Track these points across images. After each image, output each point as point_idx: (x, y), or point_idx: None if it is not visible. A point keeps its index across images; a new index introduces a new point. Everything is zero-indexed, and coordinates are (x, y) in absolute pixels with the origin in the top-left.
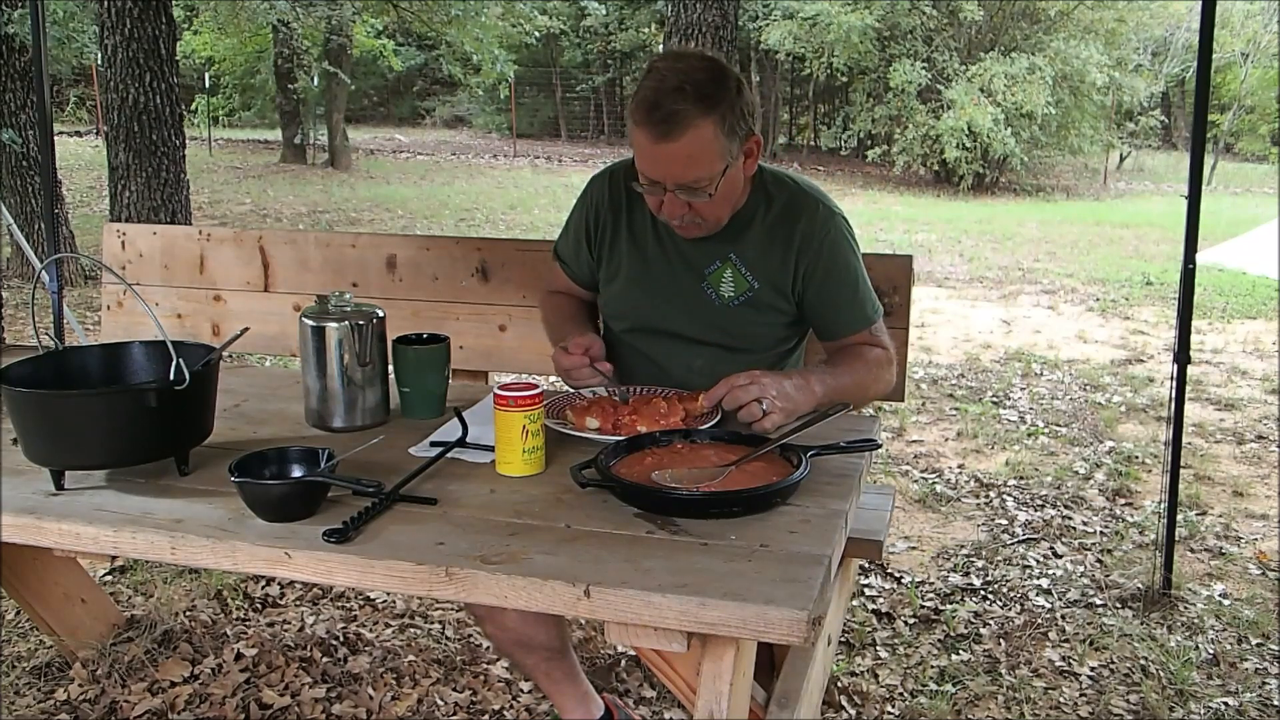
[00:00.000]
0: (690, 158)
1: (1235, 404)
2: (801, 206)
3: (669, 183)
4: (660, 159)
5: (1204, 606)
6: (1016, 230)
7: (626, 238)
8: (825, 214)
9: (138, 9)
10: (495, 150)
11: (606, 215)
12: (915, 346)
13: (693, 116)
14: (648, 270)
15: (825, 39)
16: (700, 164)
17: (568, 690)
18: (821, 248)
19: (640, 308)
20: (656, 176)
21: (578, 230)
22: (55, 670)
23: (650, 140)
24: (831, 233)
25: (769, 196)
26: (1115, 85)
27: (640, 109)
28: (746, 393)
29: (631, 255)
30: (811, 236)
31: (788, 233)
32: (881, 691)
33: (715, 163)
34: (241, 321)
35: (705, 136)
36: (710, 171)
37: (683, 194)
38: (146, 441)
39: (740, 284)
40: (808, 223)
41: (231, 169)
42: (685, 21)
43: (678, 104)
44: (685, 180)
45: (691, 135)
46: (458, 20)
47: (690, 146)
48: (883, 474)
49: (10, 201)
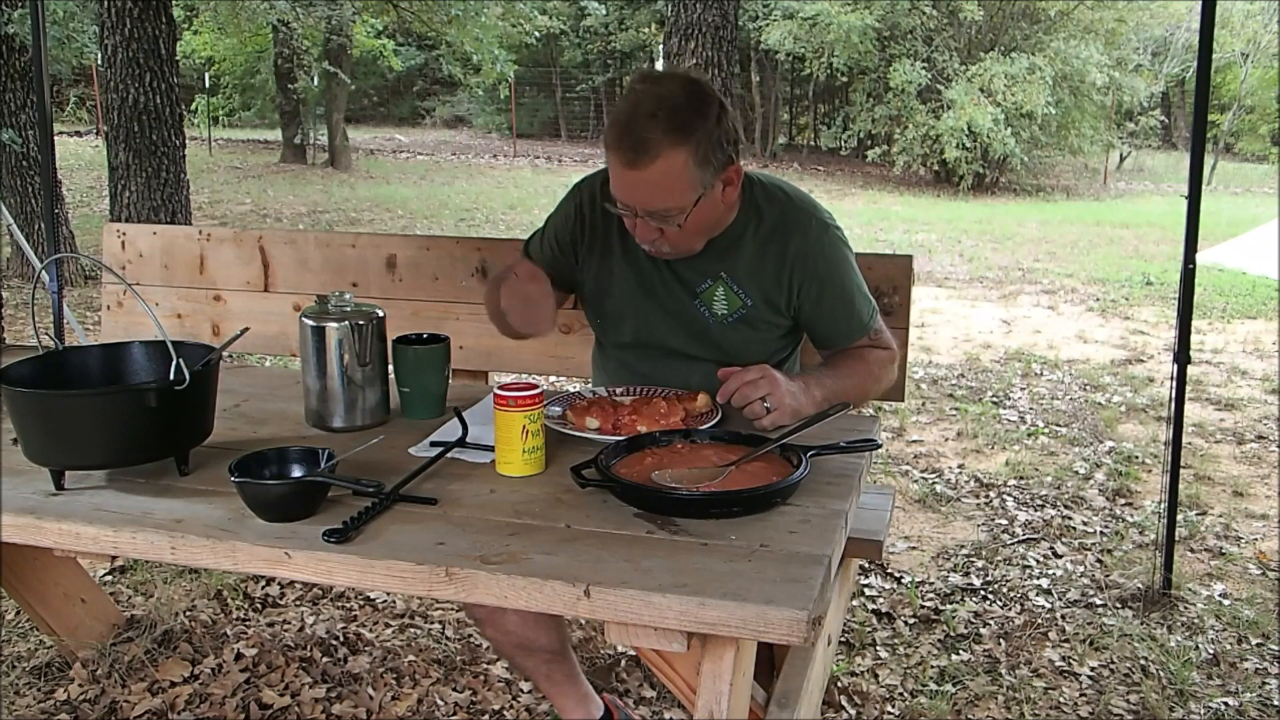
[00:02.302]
0: (658, 187)
1: (1235, 404)
2: (794, 222)
3: (640, 209)
4: (629, 185)
5: (1204, 606)
6: (1016, 230)
7: (619, 249)
8: (819, 229)
9: (138, 9)
10: (495, 150)
11: (598, 222)
12: (915, 346)
13: (663, 146)
14: (642, 286)
15: (825, 39)
16: (669, 194)
17: (568, 691)
18: (817, 265)
19: (632, 322)
20: (627, 201)
21: (558, 231)
22: (55, 670)
23: (620, 165)
24: (826, 249)
25: (760, 211)
26: (1115, 85)
27: (612, 131)
28: (755, 389)
29: (624, 268)
30: (806, 254)
31: (780, 249)
32: (881, 691)
33: (686, 193)
34: (241, 321)
35: (675, 167)
36: (680, 202)
37: (653, 220)
38: (146, 441)
39: (733, 302)
40: (801, 239)
41: (231, 169)
42: (685, 21)
43: (649, 132)
44: (653, 208)
45: (661, 165)
46: (458, 20)
47: (659, 176)
48: (883, 474)
49: (10, 201)
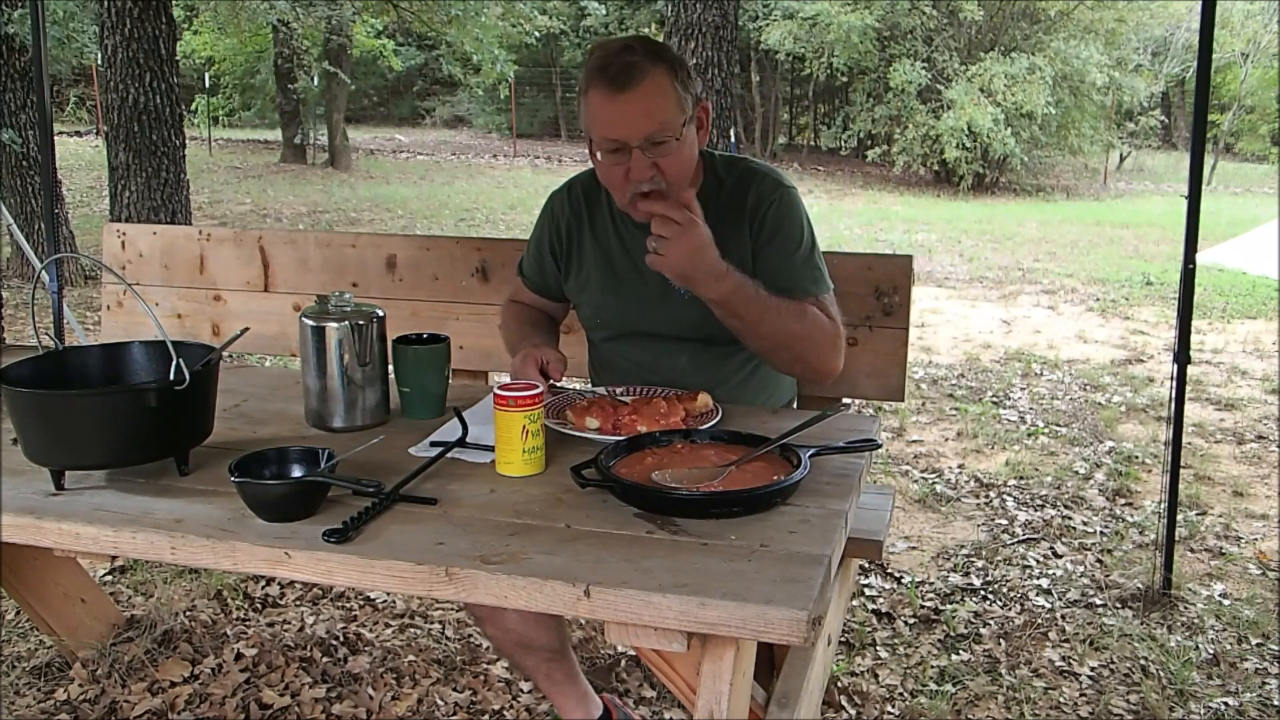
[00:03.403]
0: (651, 106)
1: (1235, 404)
2: (751, 179)
3: (633, 139)
4: (621, 113)
5: (1204, 606)
6: (1016, 230)
7: (591, 246)
8: (773, 184)
9: (138, 9)
10: (495, 150)
11: (571, 226)
12: (915, 346)
13: (647, 67)
14: (615, 275)
15: (825, 39)
16: (661, 110)
17: (567, 691)
18: (769, 212)
19: (615, 314)
20: (619, 135)
21: (540, 244)
22: (55, 670)
23: (608, 95)
24: (780, 200)
25: (720, 180)
26: (1115, 85)
27: (594, 72)
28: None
29: (598, 263)
30: (760, 203)
31: (739, 205)
32: (881, 691)
33: (675, 111)
34: (241, 321)
35: (662, 84)
36: (672, 119)
37: (648, 151)
38: (146, 441)
39: None
40: (756, 193)
41: (231, 169)
42: (685, 21)
43: (632, 57)
44: (649, 131)
45: (649, 84)
46: (458, 20)
47: (649, 94)
48: (883, 474)
49: (10, 201)
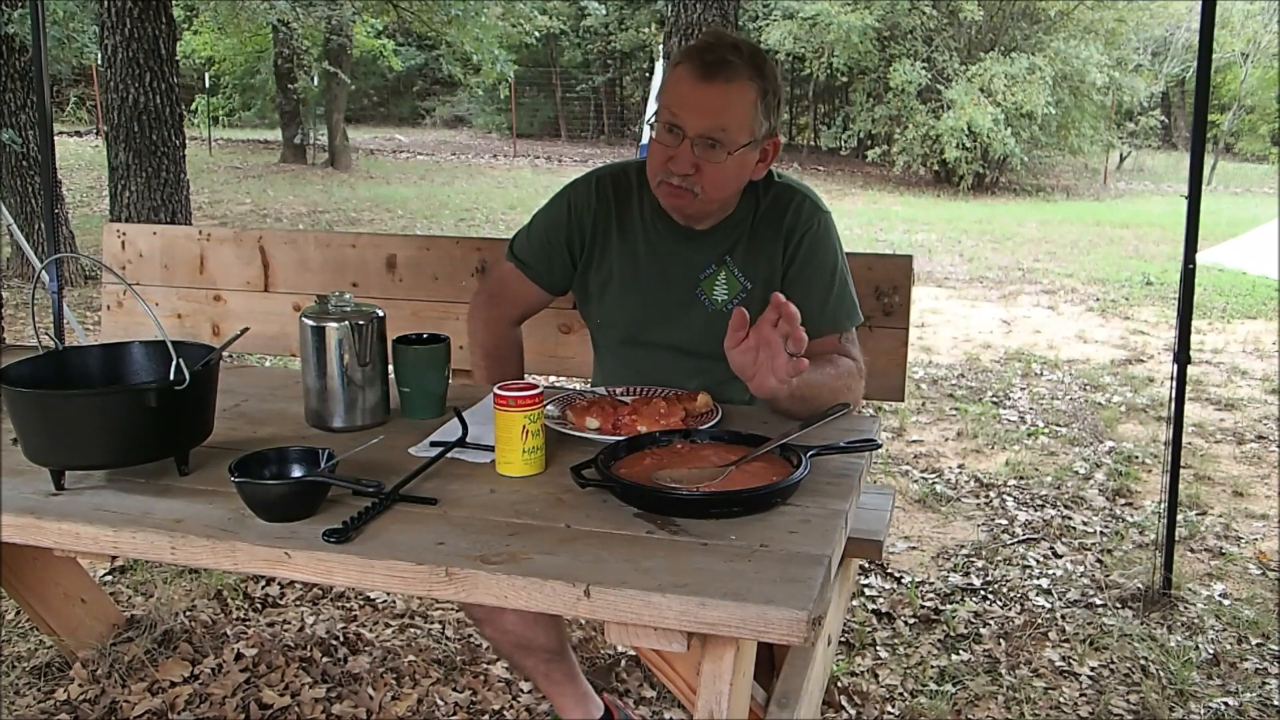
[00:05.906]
0: (725, 107)
1: (1235, 404)
2: (789, 200)
3: (691, 129)
4: (696, 98)
5: (1204, 606)
6: (1016, 230)
7: (618, 242)
8: (811, 208)
9: (138, 9)
10: (495, 150)
11: (598, 217)
12: (915, 346)
13: (742, 74)
14: (639, 279)
15: (825, 39)
16: (732, 117)
17: (567, 691)
18: (804, 238)
19: (633, 318)
20: (683, 119)
21: (552, 232)
22: (55, 670)
23: (693, 76)
24: (816, 226)
25: (758, 198)
26: (1115, 85)
27: (692, 51)
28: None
29: (623, 264)
30: (796, 227)
31: (775, 224)
32: (881, 691)
33: (744, 128)
34: (241, 321)
35: (747, 98)
36: (737, 131)
37: (698, 149)
38: (146, 441)
39: (733, 285)
40: (794, 214)
41: (231, 169)
42: (685, 21)
43: (733, 56)
44: (708, 128)
45: (736, 88)
46: (458, 20)
47: (727, 95)
48: (883, 474)
49: (10, 201)
